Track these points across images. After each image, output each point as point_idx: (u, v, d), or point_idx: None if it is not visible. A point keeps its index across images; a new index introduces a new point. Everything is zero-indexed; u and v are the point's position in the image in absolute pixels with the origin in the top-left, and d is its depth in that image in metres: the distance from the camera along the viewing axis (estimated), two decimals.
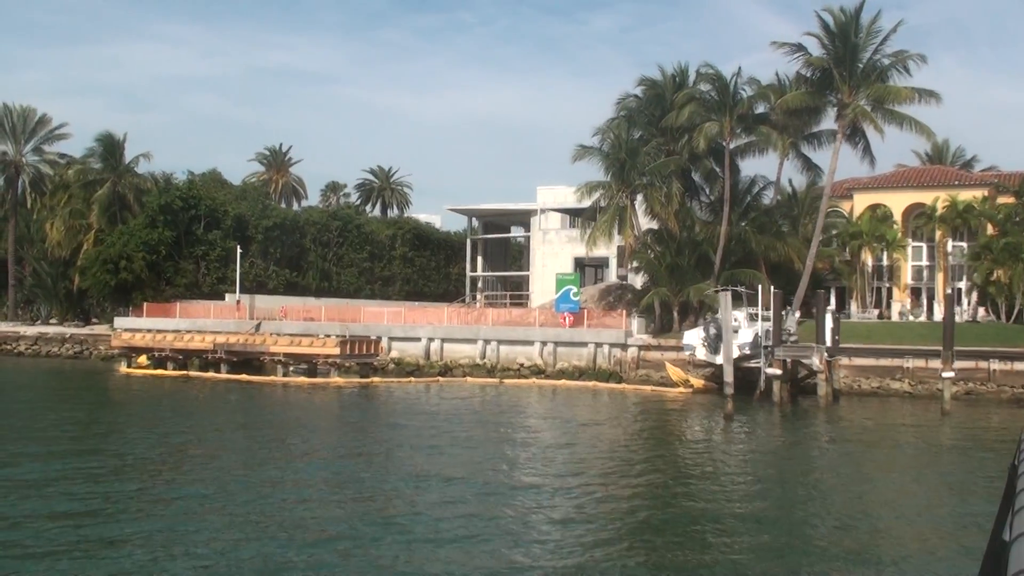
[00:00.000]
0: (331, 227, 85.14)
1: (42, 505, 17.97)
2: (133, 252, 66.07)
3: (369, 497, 19.59)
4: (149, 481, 21.06)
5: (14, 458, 23.28)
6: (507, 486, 21.13)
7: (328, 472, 22.77)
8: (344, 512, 18.09)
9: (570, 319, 53.16)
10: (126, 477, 21.52)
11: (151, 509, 18.03)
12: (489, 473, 22.60)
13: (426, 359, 55.17)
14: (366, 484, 21.05)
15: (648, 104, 52.74)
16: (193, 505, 18.36)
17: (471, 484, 21.10)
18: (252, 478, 21.38)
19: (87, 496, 19.01)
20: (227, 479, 21.11)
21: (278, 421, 33.48)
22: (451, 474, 22.26)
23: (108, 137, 69.81)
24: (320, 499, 19.44)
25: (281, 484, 20.91)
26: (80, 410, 35.79)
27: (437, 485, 20.95)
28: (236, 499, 18.94)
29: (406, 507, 18.64)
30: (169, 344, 50.84)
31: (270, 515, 17.71)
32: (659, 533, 17.36)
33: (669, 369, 48.62)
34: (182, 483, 20.79)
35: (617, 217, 51.16)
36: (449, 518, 17.67)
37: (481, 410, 38.32)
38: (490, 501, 19.24)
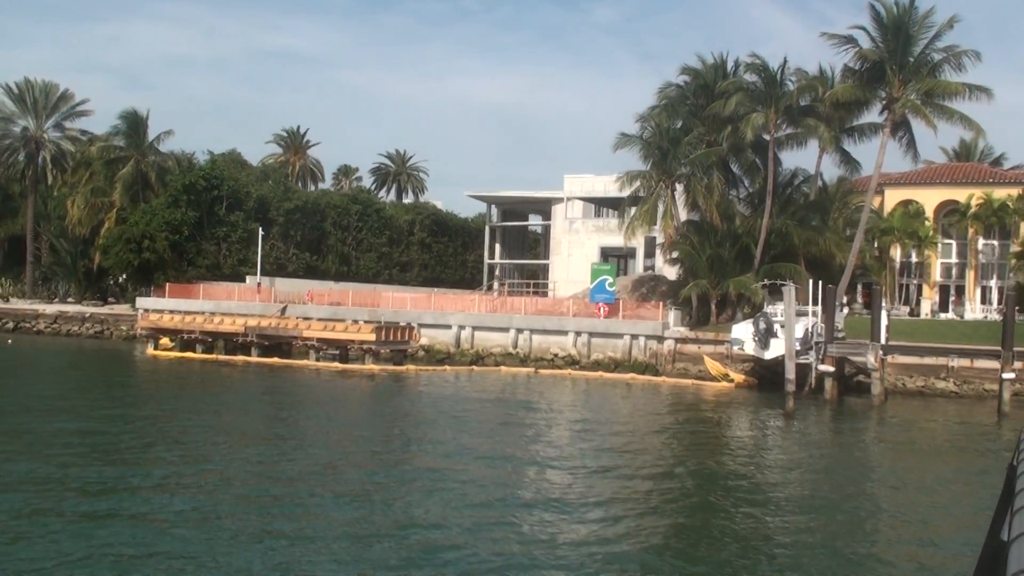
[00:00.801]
0: (351, 211, 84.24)
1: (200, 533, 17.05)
2: (156, 232, 65.19)
3: (478, 500, 18.86)
4: (232, 483, 20.26)
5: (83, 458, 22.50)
6: (583, 491, 20.40)
7: (424, 472, 21.99)
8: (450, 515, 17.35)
9: (605, 310, 52.37)
10: (208, 474, 20.73)
11: (244, 512, 17.27)
12: (561, 476, 21.84)
13: (456, 347, 54.38)
14: (471, 487, 20.30)
15: (692, 93, 51.82)
16: (334, 510, 17.47)
17: (562, 488, 20.37)
18: (354, 477, 20.62)
19: (209, 510, 18.22)
20: (329, 478, 20.26)
21: (337, 411, 32.71)
22: (541, 479, 21.53)
23: (132, 114, 68.77)
24: (428, 502, 18.67)
25: (388, 487, 20.11)
26: (123, 397, 35.02)
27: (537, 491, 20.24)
28: (362, 503, 18.18)
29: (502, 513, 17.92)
30: (199, 326, 49.99)
31: (392, 517, 16.97)
32: (752, 538, 16.66)
33: (707, 363, 47.89)
34: (298, 484, 19.92)
35: (657, 207, 50.20)
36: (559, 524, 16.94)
37: (529, 401, 37.56)
38: (564, 511, 18.52)
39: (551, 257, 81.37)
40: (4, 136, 73.84)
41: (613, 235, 71.56)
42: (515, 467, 21.99)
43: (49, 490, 17.49)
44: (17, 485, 17.79)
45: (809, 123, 48.16)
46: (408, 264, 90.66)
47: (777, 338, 39.95)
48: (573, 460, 23.53)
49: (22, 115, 73.66)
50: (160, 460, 21.13)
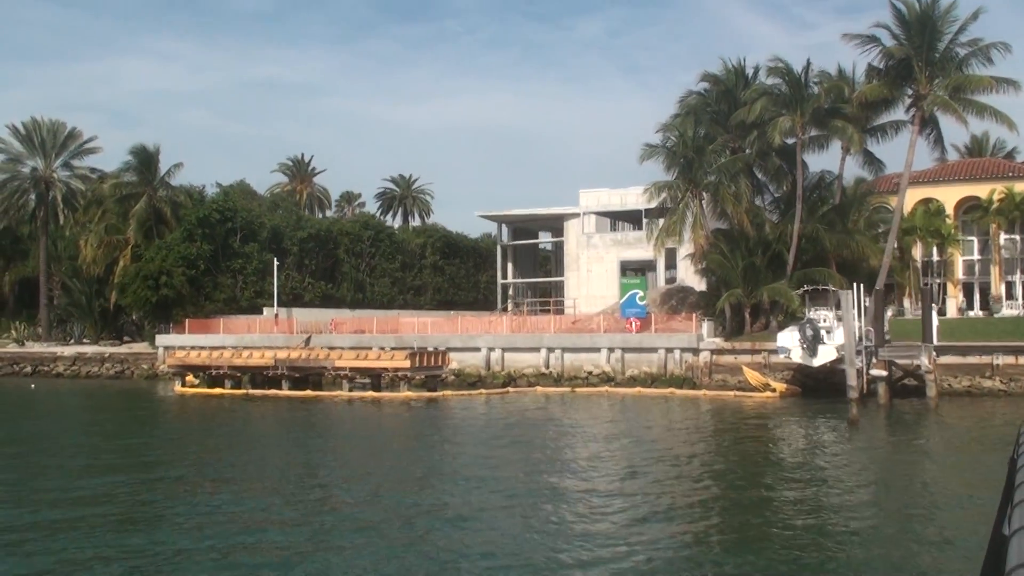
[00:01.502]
0: (363, 237, 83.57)
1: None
2: (173, 267, 64.46)
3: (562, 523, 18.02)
4: (310, 518, 19.39)
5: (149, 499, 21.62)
6: (659, 505, 19.60)
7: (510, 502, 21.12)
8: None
9: (637, 324, 51.64)
10: (274, 513, 19.86)
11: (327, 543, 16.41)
12: (631, 497, 21.02)
13: (486, 369, 53.61)
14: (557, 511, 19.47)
15: (714, 100, 51.32)
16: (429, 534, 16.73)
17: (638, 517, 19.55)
18: (428, 506, 19.78)
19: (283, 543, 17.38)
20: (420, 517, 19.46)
21: (392, 443, 31.86)
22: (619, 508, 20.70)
23: (143, 150, 68.13)
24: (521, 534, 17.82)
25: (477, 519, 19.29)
26: (167, 437, 34.14)
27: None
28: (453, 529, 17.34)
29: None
30: (227, 361, 49.12)
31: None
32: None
33: (747, 373, 47.14)
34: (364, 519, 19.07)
35: (685, 217, 49.57)
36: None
37: (575, 423, 36.71)
38: (634, 526, 17.71)
39: (565, 274, 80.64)
40: (13, 178, 73.12)
41: (632, 248, 71.05)
42: (601, 499, 21.15)
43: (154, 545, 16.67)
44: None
45: (836, 125, 47.63)
46: (422, 288, 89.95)
47: (825, 344, 39.25)
48: (654, 486, 22.68)
49: (30, 155, 73.00)
50: (236, 496, 20.26)
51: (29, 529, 17.60)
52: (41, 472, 24.87)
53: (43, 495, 21.09)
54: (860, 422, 32.41)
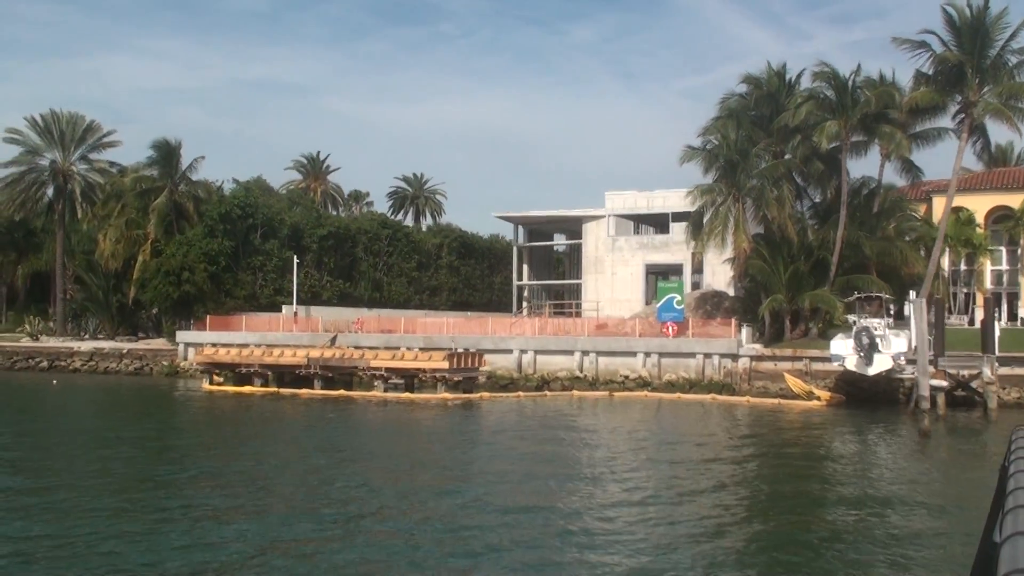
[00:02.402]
0: (381, 236, 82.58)
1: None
2: (195, 263, 63.38)
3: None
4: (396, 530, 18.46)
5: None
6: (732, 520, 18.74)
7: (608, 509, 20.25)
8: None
9: (674, 328, 50.79)
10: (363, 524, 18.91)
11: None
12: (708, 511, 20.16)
13: (518, 372, 52.69)
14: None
15: (756, 103, 50.55)
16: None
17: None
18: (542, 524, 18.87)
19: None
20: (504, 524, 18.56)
21: (449, 446, 30.91)
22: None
23: (164, 144, 66.96)
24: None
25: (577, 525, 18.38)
26: (211, 438, 33.15)
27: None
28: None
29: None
30: (258, 359, 48.12)
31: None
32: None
33: (789, 380, 46.28)
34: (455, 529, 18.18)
35: (728, 221, 48.75)
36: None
37: (624, 426, 35.88)
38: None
39: (583, 276, 79.75)
40: (31, 170, 71.87)
41: (659, 252, 70.25)
42: (671, 511, 20.28)
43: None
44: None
45: (884, 130, 46.87)
46: (438, 288, 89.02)
47: (881, 353, 38.45)
48: (717, 498, 21.83)
49: (48, 148, 71.77)
50: (315, 504, 19.31)
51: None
52: (130, 480, 23.90)
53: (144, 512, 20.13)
54: (919, 434, 31.59)
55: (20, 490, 20.89)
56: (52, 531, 16.85)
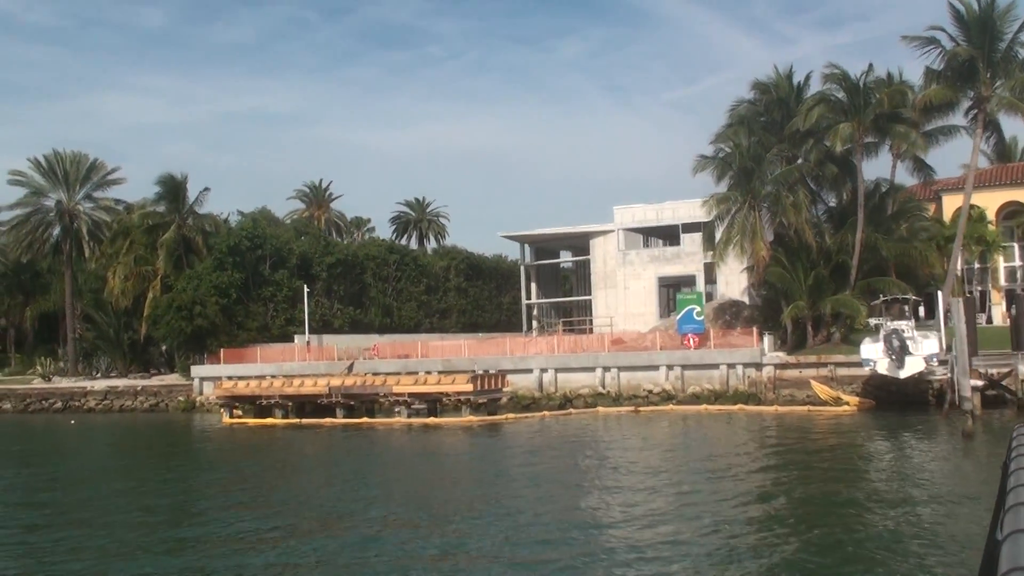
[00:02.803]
0: (389, 261, 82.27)
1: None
2: (206, 297, 62.97)
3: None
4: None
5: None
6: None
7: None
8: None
9: (695, 340, 50.37)
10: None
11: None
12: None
13: (540, 391, 52.23)
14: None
15: (765, 108, 50.34)
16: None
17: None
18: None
19: None
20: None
21: (493, 471, 30.41)
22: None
23: (170, 179, 66.73)
24: None
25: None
26: (248, 471, 32.61)
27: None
28: None
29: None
30: (278, 390, 47.62)
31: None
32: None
33: (816, 387, 45.84)
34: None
35: (745, 228, 48.40)
36: None
37: (660, 443, 35.41)
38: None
39: (593, 292, 79.37)
40: (36, 211, 71.55)
41: (671, 264, 69.91)
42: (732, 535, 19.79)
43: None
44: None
45: (899, 130, 46.64)
46: (447, 311, 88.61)
47: (913, 356, 38.02)
48: (780, 506, 21.37)
49: (52, 188, 71.50)
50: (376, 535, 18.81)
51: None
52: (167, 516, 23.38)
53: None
54: (953, 435, 31.14)
55: (70, 531, 20.39)
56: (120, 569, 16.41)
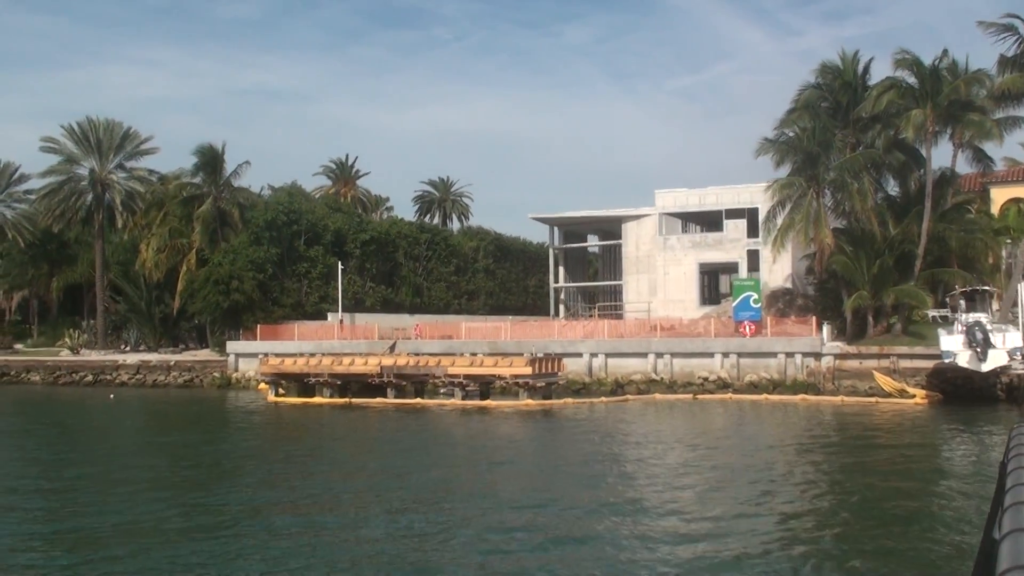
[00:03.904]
0: (421, 240, 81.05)
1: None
2: (243, 272, 61.77)
3: None
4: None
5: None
6: None
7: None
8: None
9: (752, 328, 49.31)
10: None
11: None
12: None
13: (589, 376, 51.21)
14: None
15: (831, 93, 49.05)
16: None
17: None
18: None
19: None
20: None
21: (578, 461, 29.38)
22: None
23: (209, 149, 65.33)
24: None
25: None
26: (325, 453, 31.59)
27: None
28: None
29: None
30: (327, 368, 46.53)
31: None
32: None
33: (879, 378, 44.82)
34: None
35: (809, 215, 47.20)
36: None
37: (736, 431, 34.42)
38: None
39: (624, 277, 78.26)
40: (69, 179, 70.13)
41: (712, 250, 68.70)
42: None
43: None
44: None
45: (973, 118, 45.40)
46: (475, 292, 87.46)
47: (996, 349, 36.98)
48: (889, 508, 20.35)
49: (85, 156, 70.05)
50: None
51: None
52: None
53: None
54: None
55: (153, 510, 19.36)
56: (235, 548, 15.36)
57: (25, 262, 79.32)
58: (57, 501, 21.20)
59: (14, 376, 66.34)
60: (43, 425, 40.46)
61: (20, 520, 18.90)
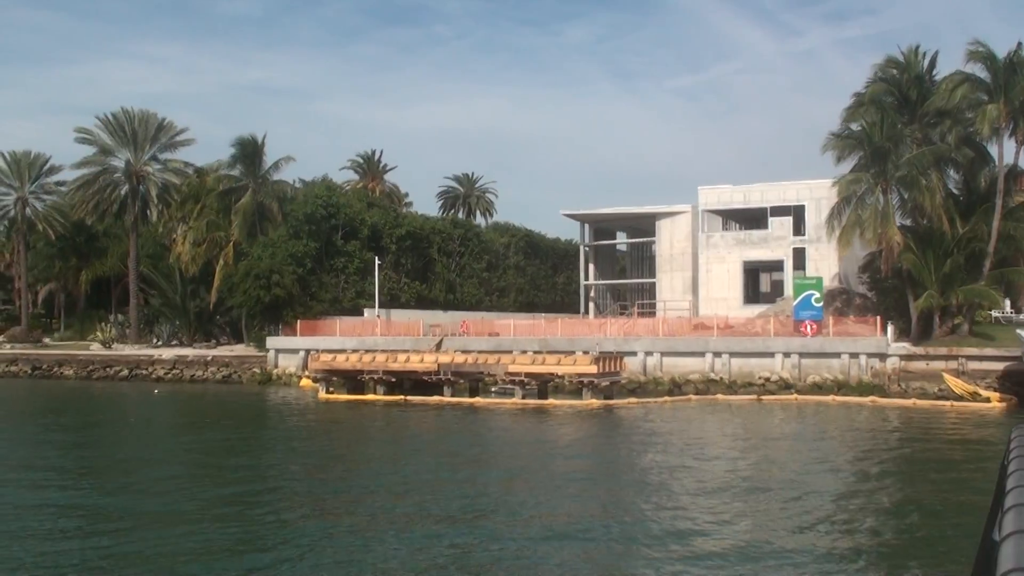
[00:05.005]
0: (454, 236, 79.96)
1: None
2: (282, 266, 60.64)
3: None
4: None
5: None
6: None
7: None
8: None
9: (813, 327, 48.15)
10: None
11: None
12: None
13: (644, 375, 50.06)
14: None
15: (898, 88, 47.84)
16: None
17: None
18: None
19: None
20: None
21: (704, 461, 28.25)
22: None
23: (248, 141, 64.16)
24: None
25: None
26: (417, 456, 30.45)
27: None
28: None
29: None
30: (382, 365, 45.40)
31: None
32: None
33: (949, 380, 43.64)
34: None
35: (876, 212, 46.02)
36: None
37: (820, 435, 33.29)
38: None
39: (658, 275, 77.28)
40: (104, 171, 68.93)
41: (757, 248, 67.55)
42: None
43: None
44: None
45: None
46: (505, 289, 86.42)
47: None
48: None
49: (119, 148, 68.86)
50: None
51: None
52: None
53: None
54: None
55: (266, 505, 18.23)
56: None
57: (53, 255, 78.22)
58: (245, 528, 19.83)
59: (46, 370, 65.28)
60: (110, 421, 39.49)
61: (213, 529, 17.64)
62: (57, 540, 16.42)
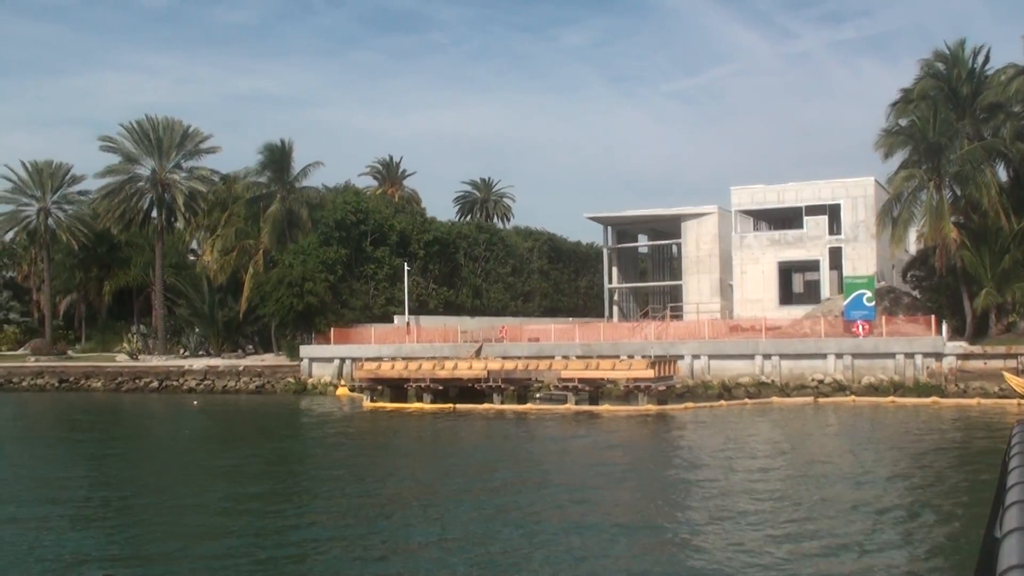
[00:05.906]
0: (479, 240, 79.05)
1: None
2: (314, 273, 59.70)
3: None
4: None
5: None
6: None
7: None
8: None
9: (866, 328, 47.24)
10: None
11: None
12: None
13: (692, 378, 49.13)
14: None
15: (947, 82, 47.00)
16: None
17: None
18: None
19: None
20: None
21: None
22: None
23: (277, 148, 63.22)
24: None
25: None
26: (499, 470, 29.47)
27: None
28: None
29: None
30: (429, 373, 44.47)
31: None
32: None
33: (1010, 380, 42.72)
34: None
35: (932, 209, 45.14)
36: None
37: (901, 438, 32.35)
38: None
39: (684, 277, 76.42)
40: (129, 179, 67.99)
41: (792, 248, 66.60)
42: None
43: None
44: None
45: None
46: (530, 294, 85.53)
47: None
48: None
49: (144, 156, 67.94)
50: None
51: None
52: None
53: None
54: None
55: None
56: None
57: (74, 265, 77.26)
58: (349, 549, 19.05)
59: (73, 383, 64.27)
60: (161, 437, 38.50)
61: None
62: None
